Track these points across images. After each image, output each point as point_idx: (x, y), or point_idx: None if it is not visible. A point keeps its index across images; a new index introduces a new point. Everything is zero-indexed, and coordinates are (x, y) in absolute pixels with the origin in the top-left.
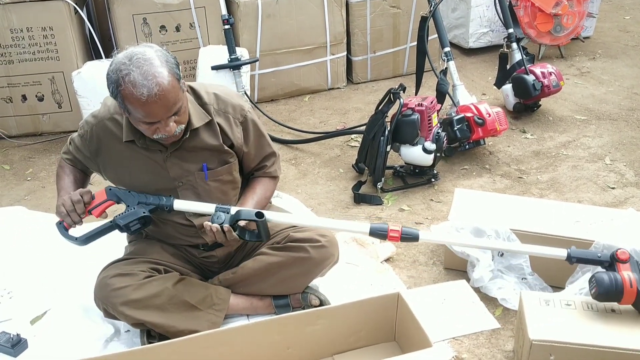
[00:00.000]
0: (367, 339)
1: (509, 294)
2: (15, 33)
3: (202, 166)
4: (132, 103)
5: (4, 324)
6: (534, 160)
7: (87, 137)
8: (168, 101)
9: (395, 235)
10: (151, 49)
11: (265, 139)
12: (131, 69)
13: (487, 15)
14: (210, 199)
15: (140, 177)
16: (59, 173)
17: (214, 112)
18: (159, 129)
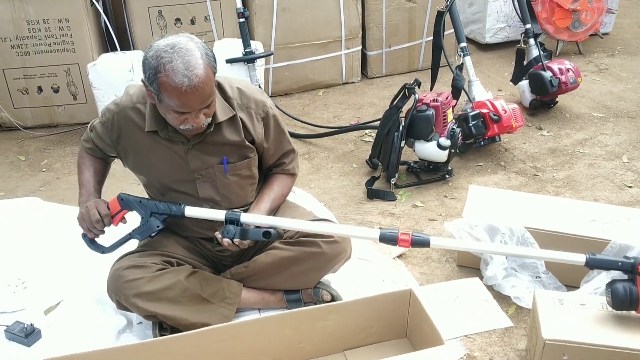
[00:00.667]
0: (378, 335)
1: (523, 292)
2: (31, 25)
3: (222, 160)
4: (169, 91)
5: (18, 313)
6: (550, 158)
7: (108, 124)
8: (204, 93)
9: (406, 241)
10: (192, 40)
11: (285, 136)
12: (173, 57)
13: (504, 10)
14: (228, 193)
15: (159, 167)
16: (80, 165)
17: (237, 106)
18: (188, 120)
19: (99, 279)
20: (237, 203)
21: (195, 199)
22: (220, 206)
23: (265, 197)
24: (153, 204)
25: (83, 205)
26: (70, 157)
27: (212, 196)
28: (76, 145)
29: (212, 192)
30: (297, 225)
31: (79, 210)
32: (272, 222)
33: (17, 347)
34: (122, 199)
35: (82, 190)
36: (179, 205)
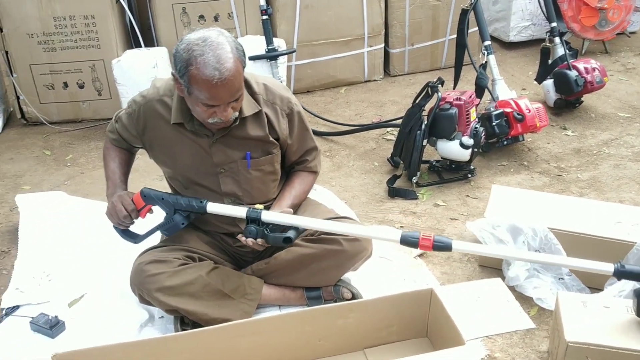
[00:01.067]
0: (398, 334)
1: (545, 293)
2: (58, 21)
3: (245, 154)
4: (200, 84)
5: (43, 305)
6: (574, 158)
7: (134, 115)
8: (234, 87)
9: (427, 244)
10: (222, 34)
11: (309, 133)
12: (205, 50)
13: (529, 8)
14: (250, 188)
15: (183, 160)
16: (105, 157)
17: (262, 102)
18: (216, 113)
19: (122, 273)
20: (259, 198)
21: (217, 194)
22: (242, 201)
23: (287, 195)
24: (175, 200)
25: (110, 200)
26: (94, 152)
27: (234, 191)
28: (100, 141)
29: (234, 186)
30: (318, 224)
31: (107, 205)
32: (293, 221)
33: (41, 338)
34: (145, 194)
35: (108, 182)
36: (201, 202)
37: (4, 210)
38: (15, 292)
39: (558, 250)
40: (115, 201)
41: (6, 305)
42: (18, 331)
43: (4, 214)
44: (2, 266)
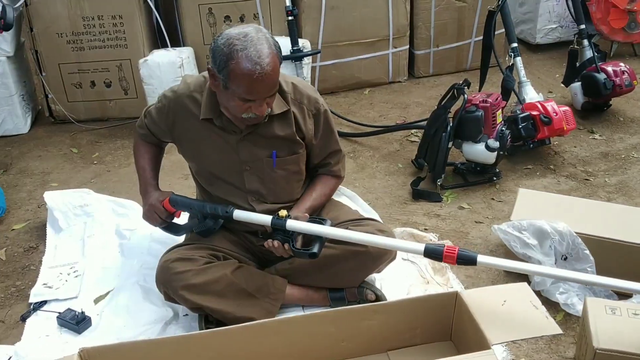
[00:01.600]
0: (422, 337)
1: (572, 299)
2: (86, 21)
3: (271, 153)
4: (239, 78)
5: (70, 301)
6: (602, 162)
7: (164, 110)
8: (272, 82)
9: (451, 257)
10: (260, 31)
11: (334, 135)
12: (247, 45)
13: (556, 10)
14: (274, 187)
15: (210, 156)
16: (135, 152)
17: (290, 101)
18: (252, 108)
19: (147, 270)
20: (283, 198)
21: (241, 191)
22: (266, 200)
23: (306, 198)
24: (201, 207)
25: (144, 203)
26: (120, 151)
27: (259, 189)
28: (126, 139)
29: (258, 184)
30: (342, 234)
31: (143, 208)
32: (317, 230)
33: (68, 333)
34: (173, 202)
35: (140, 179)
36: (227, 211)
37: (32, 206)
38: (42, 288)
39: (586, 255)
40: (148, 210)
41: (34, 301)
42: (45, 326)
43: (32, 210)
44: (30, 262)
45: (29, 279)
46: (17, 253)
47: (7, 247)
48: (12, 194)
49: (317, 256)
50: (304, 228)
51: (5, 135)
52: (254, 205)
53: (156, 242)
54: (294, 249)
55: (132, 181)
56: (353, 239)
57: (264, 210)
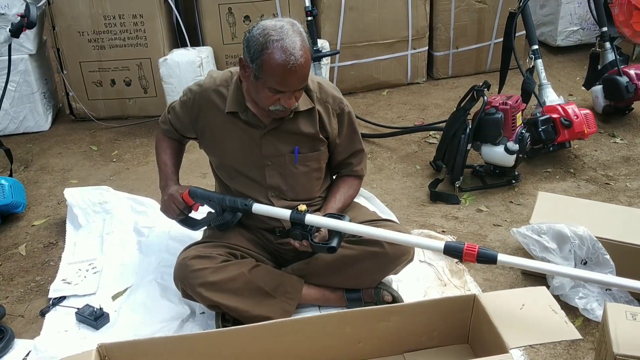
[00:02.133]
0: (439, 339)
1: (592, 304)
2: (108, 20)
3: (294, 149)
4: (273, 68)
5: (88, 297)
6: (623, 166)
7: (189, 103)
8: (304, 74)
9: (472, 255)
10: (296, 25)
11: (357, 135)
12: (283, 36)
13: (578, 12)
14: (295, 183)
15: (233, 150)
16: (157, 148)
17: (316, 100)
18: (281, 100)
19: (165, 268)
20: (302, 195)
21: (261, 186)
22: (285, 196)
23: (333, 199)
24: (221, 199)
25: (163, 195)
26: (139, 149)
27: (279, 184)
28: (145, 137)
29: (279, 180)
30: (361, 229)
31: (161, 199)
32: (336, 225)
33: (86, 329)
34: (193, 194)
35: (160, 174)
36: (246, 204)
37: (52, 203)
38: (61, 284)
39: (606, 260)
40: (167, 200)
41: (53, 296)
42: (64, 321)
43: (52, 206)
44: (50, 257)
45: (49, 275)
46: (37, 249)
47: (27, 243)
48: (32, 191)
49: (336, 250)
50: (322, 223)
51: (27, 132)
52: (273, 201)
53: (174, 240)
54: (313, 243)
55: (150, 179)
56: (371, 234)
57: (282, 207)
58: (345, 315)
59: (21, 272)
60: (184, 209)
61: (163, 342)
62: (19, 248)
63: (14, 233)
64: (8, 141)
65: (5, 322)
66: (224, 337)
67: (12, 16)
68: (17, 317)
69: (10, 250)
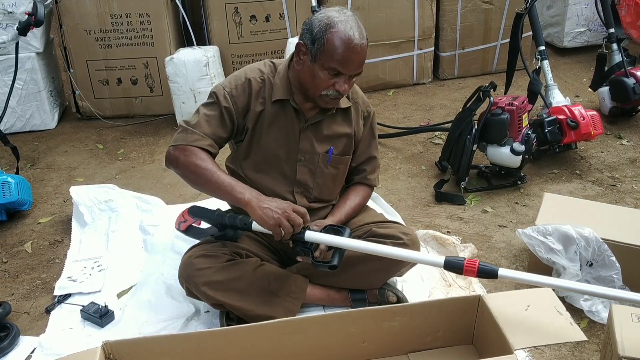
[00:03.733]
0: (444, 340)
1: (597, 306)
2: (115, 19)
3: (329, 149)
4: (336, 46)
5: (93, 295)
6: (630, 168)
7: (235, 93)
8: (363, 58)
9: (472, 270)
10: (355, 16)
11: (375, 141)
12: (346, 20)
13: (585, 13)
14: (322, 183)
15: (271, 141)
16: (200, 165)
17: (350, 98)
18: (336, 84)
19: (170, 266)
20: (325, 195)
21: (289, 180)
22: (310, 194)
23: (341, 207)
24: (220, 218)
25: (264, 204)
26: (145, 147)
27: (307, 181)
28: (151, 136)
29: (308, 177)
30: (360, 245)
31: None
32: (336, 241)
33: (91, 326)
34: (192, 213)
35: (237, 187)
36: (245, 223)
37: (58, 201)
38: (67, 281)
39: (612, 262)
40: (283, 208)
41: (59, 293)
42: (69, 319)
43: (57, 204)
44: (55, 255)
45: (54, 272)
46: (42, 246)
47: (33, 240)
48: (38, 188)
49: (337, 268)
50: (322, 239)
51: (33, 130)
52: (296, 197)
53: (179, 239)
54: (314, 261)
55: (155, 177)
56: (371, 250)
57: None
58: (350, 315)
59: (27, 269)
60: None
61: (167, 340)
62: (24, 245)
63: (20, 230)
64: (15, 139)
65: (11, 319)
66: (228, 336)
67: (20, 14)
68: (22, 314)
69: (16, 247)
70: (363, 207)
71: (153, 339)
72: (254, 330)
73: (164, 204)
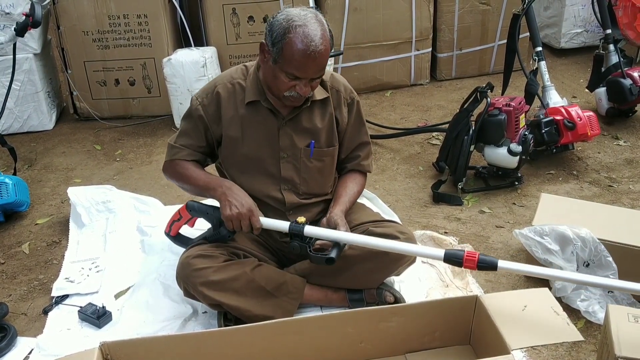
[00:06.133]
0: (441, 340)
1: (594, 306)
2: (112, 19)
3: (310, 143)
4: (293, 52)
5: (91, 296)
6: (626, 169)
7: (206, 100)
8: (322, 63)
9: (472, 261)
10: (318, 16)
11: (364, 127)
12: (305, 23)
13: (582, 14)
14: (308, 177)
15: (251, 142)
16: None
17: (328, 88)
18: (296, 87)
19: (167, 267)
20: (315, 189)
21: (275, 179)
22: (298, 190)
23: (342, 199)
24: (218, 213)
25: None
26: (142, 148)
27: (293, 177)
28: (149, 137)
29: (293, 173)
30: (361, 240)
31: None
32: (336, 236)
33: (88, 327)
34: (190, 208)
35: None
36: None
37: (55, 202)
38: (64, 282)
39: (609, 262)
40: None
41: (56, 294)
42: (67, 319)
43: (55, 205)
44: (53, 256)
45: (52, 273)
46: (40, 247)
47: (31, 242)
48: (36, 189)
49: (335, 261)
50: (321, 234)
51: (31, 131)
52: (285, 194)
53: None
54: (311, 254)
55: (153, 178)
56: (371, 244)
57: (293, 202)
58: (347, 315)
59: (24, 270)
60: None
61: (165, 340)
62: (22, 246)
63: (18, 231)
64: (12, 140)
65: (9, 320)
66: (226, 336)
67: (17, 15)
68: (20, 315)
69: (13, 248)
70: (360, 194)
71: (151, 340)
72: (251, 331)
73: (162, 205)
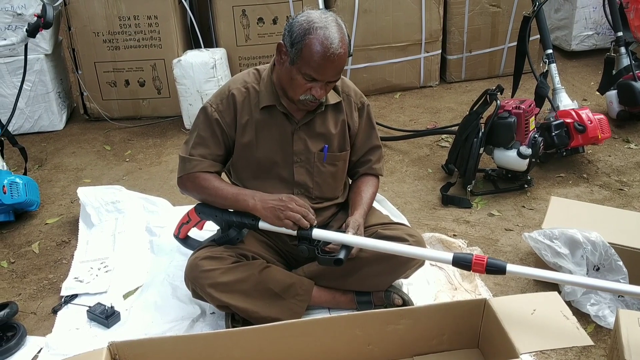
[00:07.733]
0: (449, 343)
1: (604, 311)
2: (123, 21)
3: (323, 147)
4: (313, 53)
5: (100, 295)
6: (637, 172)
7: (222, 107)
8: (340, 66)
9: (480, 265)
10: (338, 20)
11: (375, 131)
12: (326, 26)
13: (593, 17)
14: (322, 182)
15: (264, 145)
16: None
17: (340, 92)
18: (312, 89)
19: (176, 268)
20: (327, 193)
21: (288, 183)
22: (311, 194)
23: (359, 201)
24: (227, 217)
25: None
26: (152, 149)
27: (306, 182)
28: (158, 138)
29: (306, 177)
30: (369, 243)
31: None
32: (343, 239)
33: (97, 327)
34: (199, 210)
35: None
36: (253, 220)
37: (65, 202)
38: (74, 282)
39: (619, 266)
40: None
41: (65, 294)
42: (75, 319)
43: (65, 205)
44: (62, 256)
45: (61, 273)
46: (50, 247)
47: (41, 241)
48: (46, 189)
49: (343, 262)
50: (329, 237)
51: (41, 132)
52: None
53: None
54: (319, 255)
55: (162, 179)
56: (379, 247)
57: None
58: (355, 318)
59: (34, 269)
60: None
61: (173, 341)
62: (32, 246)
63: (28, 231)
64: (23, 140)
65: (18, 319)
66: (233, 338)
67: (29, 16)
68: (29, 314)
69: (23, 248)
70: (374, 197)
71: (159, 340)
72: (259, 332)
73: (171, 206)
